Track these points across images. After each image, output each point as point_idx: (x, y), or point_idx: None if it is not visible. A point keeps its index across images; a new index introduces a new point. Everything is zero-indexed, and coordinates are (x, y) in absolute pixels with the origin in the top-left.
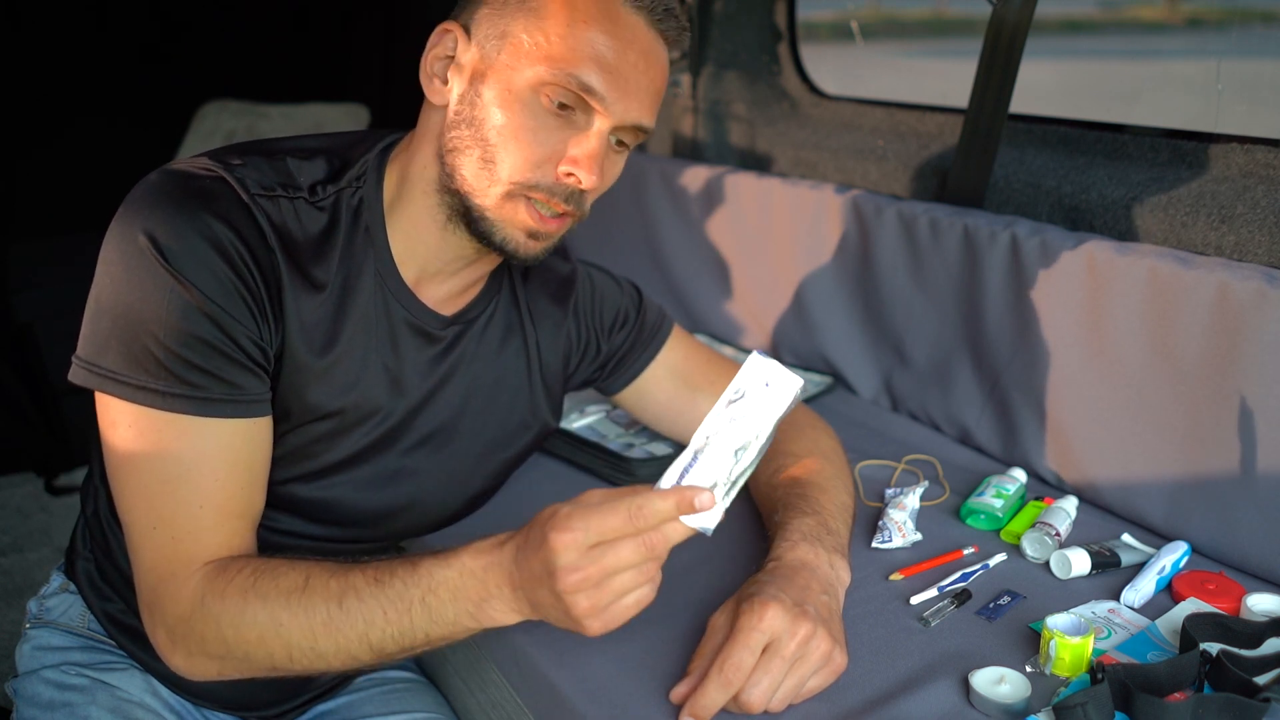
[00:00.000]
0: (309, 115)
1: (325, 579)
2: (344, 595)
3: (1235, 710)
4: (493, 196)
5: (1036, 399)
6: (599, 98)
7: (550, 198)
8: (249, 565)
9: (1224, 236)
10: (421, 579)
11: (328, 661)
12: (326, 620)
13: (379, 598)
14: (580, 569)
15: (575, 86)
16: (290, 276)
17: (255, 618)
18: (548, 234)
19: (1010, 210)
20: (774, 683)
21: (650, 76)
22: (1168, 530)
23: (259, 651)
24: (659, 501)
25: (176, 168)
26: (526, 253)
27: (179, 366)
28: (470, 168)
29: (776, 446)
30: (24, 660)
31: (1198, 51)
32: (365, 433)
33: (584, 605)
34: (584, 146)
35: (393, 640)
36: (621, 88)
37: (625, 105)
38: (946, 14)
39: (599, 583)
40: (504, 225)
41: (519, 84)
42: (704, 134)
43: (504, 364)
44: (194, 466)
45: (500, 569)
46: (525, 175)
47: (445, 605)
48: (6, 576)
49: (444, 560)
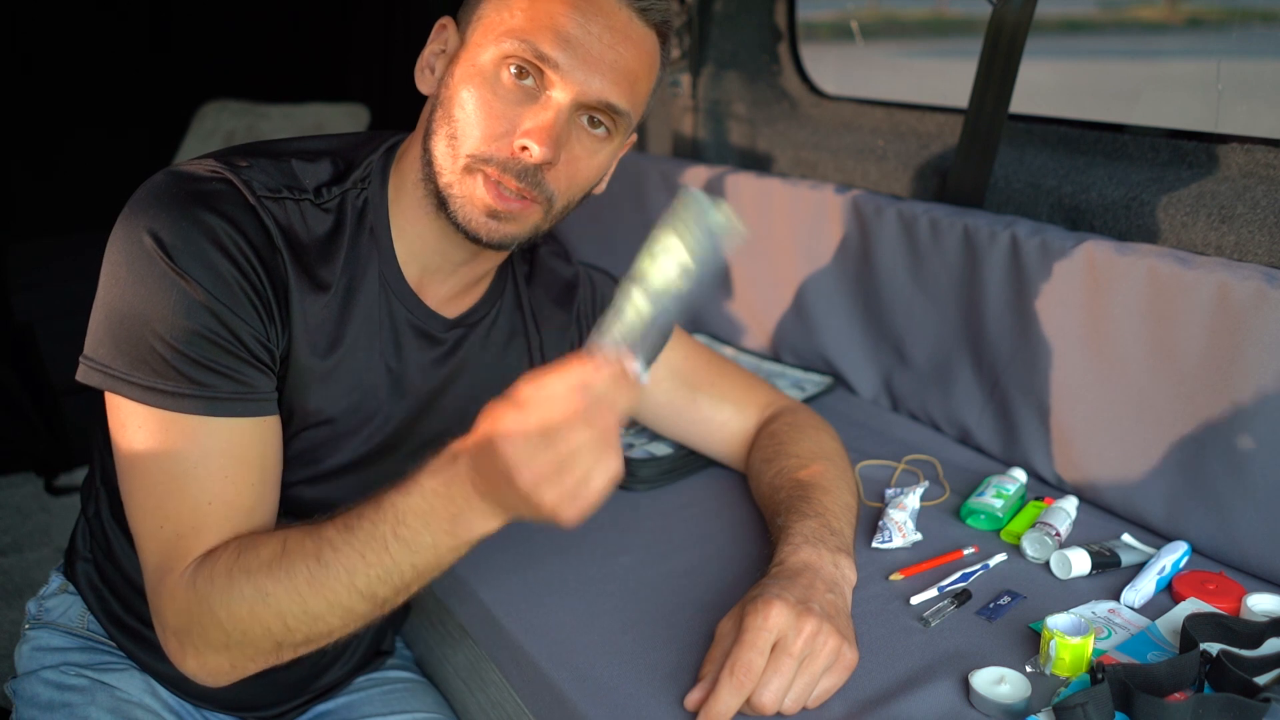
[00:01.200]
0: (309, 115)
1: (300, 540)
2: (320, 550)
3: (1235, 710)
4: (455, 173)
5: (1036, 399)
6: (554, 65)
7: (504, 173)
8: (233, 544)
9: (1224, 236)
10: (387, 513)
11: (326, 621)
12: (309, 578)
13: (352, 543)
14: (534, 463)
15: (530, 54)
16: (296, 278)
17: (242, 592)
18: (509, 214)
19: (1010, 210)
20: (785, 682)
21: (618, 52)
22: (1168, 530)
23: (255, 628)
24: (593, 376)
25: (182, 169)
26: (489, 235)
27: (186, 366)
28: (440, 147)
29: (779, 448)
30: (23, 661)
31: (1198, 51)
32: (369, 436)
33: (551, 496)
34: (538, 117)
35: (381, 581)
36: (581, 58)
37: (585, 76)
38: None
39: (558, 469)
40: (464, 203)
41: (483, 60)
42: (704, 134)
43: (507, 367)
44: (202, 465)
45: (461, 481)
46: (480, 148)
47: (419, 533)
48: (6, 576)
49: (404, 489)
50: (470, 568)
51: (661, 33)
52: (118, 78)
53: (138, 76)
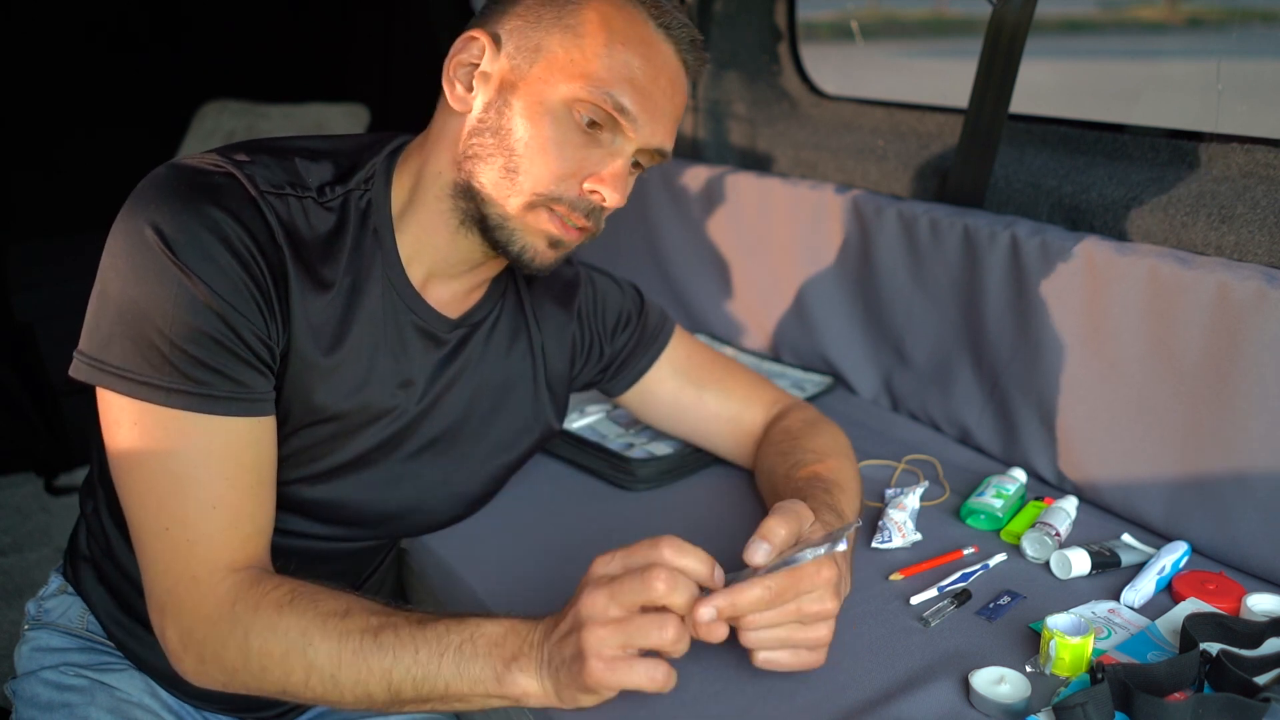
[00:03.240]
0: (309, 115)
1: (366, 612)
2: (381, 629)
3: (1235, 710)
4: (514, 205)
5: (1036, 399)
6: (630, 118)
7: (572, 211)
8: (286, 583)
9: (1224, 236)
10: (467, 627)
11: (341, 694)
12: (357, 650)
13: (416, 637)
14: (604, 650)
15: (610, 105)
16: (297, 274)
17: (288, 632)
18: (568, 244)
19: (1010, 210)
20: (787, 634)
21: (675, 103)
22: (1168, 530)
23: (277, 669)
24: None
25: (185, 162)
26: (543, 261)
27: (184, 362)
28: (490, 175)
29: (795, 442)
30: (23, 661)
31: (1198, 51)
32: (372, 435)
33: (594, 640)
34: (612, 166)
35: (412, 684)
36: (651, 111)
37: (652, 129)
38: (946, 14)
39: (618, 630)
40: (525, 233)
41: (552, 98)
42: (704, 134)
43: (510, 367)
44: (201, 465)
45: (541, 627)
46: (548, 188)
47: (479, 656)
48: (6, 576)
49: (493, 617)
50: (469, 565)
51: (693, 76)
52: (118, 78)
53: (138, 76)
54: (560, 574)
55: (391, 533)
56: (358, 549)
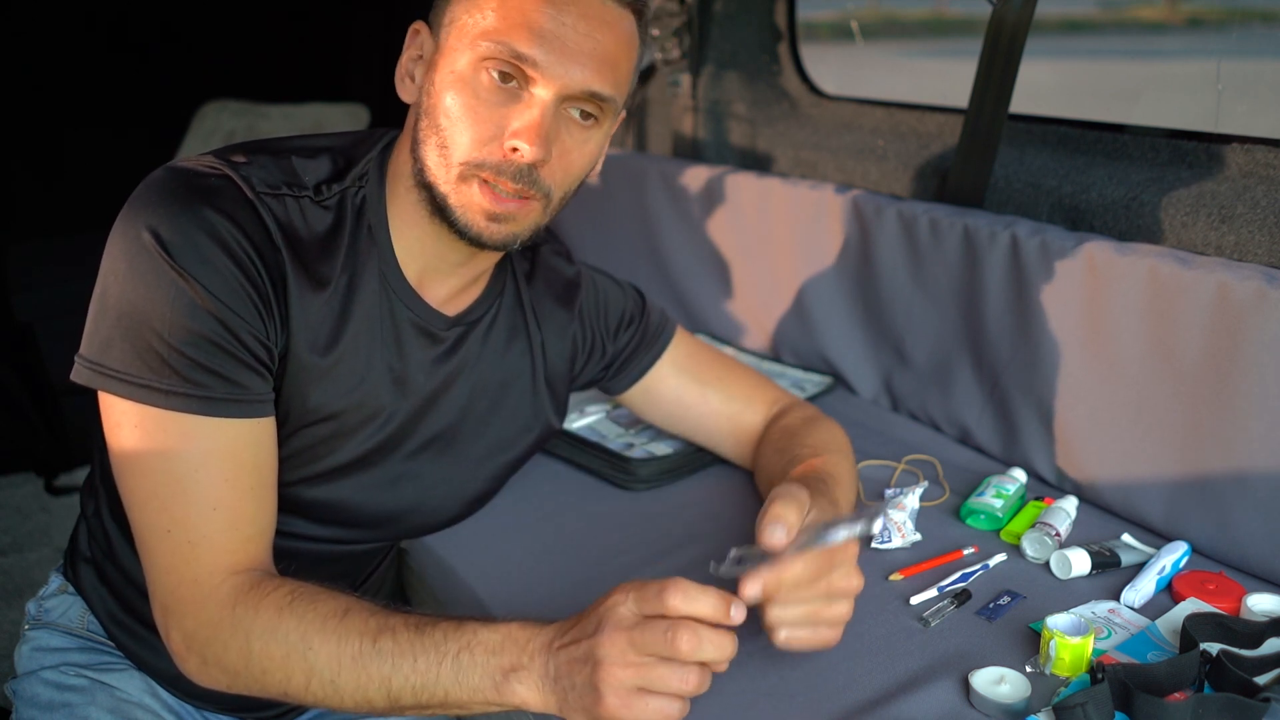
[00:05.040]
0: (309, 115)
1: (364, 615)
2: (380, 634)
3: (1235, 710)
4: (449, 182)
5: (1036, 399)
6: (533, 63)
7: (498, 176)
8: (286, 585)
9: (1224, 236)
10: (465, 634)
11: (341, 699)
12: (357, 654)
13: (415, 643)
14: (622, 690)
15: (508, 55)
16: (295, 275)
17: (287, 635)
18: (508, 215)
19: (1010, 210)
20: (810, 611)
21: (595, 39)
22: (1167, 530)
23: (278, 672)
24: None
25: (182, 165)
26: (490, 237)
27: (183, 365)
28: (432, 157)
29: (793, 438)
30: (23, 661)
31: (1198, 51)
32: (370, 435)
33: (612, 680)
34: (524, 117)
35: (411, 692)
36: (559, 50)
37: (566, 69)
38: (946, 14)
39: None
40: (462, 210)
41: (462, 64)
42: (704, 134)
43: (509, 366)
44: (201, 467)
45: (541, 639)
46: (472, 154)
47: (477, 665)
48: (6, 576)
49: (490, 623)
50: (469, 565)
51: (637, 9)
52: (118, 78)
53: (138, 76)
54: (560, 574)
55: (392, 533)
56: (358, 550)
